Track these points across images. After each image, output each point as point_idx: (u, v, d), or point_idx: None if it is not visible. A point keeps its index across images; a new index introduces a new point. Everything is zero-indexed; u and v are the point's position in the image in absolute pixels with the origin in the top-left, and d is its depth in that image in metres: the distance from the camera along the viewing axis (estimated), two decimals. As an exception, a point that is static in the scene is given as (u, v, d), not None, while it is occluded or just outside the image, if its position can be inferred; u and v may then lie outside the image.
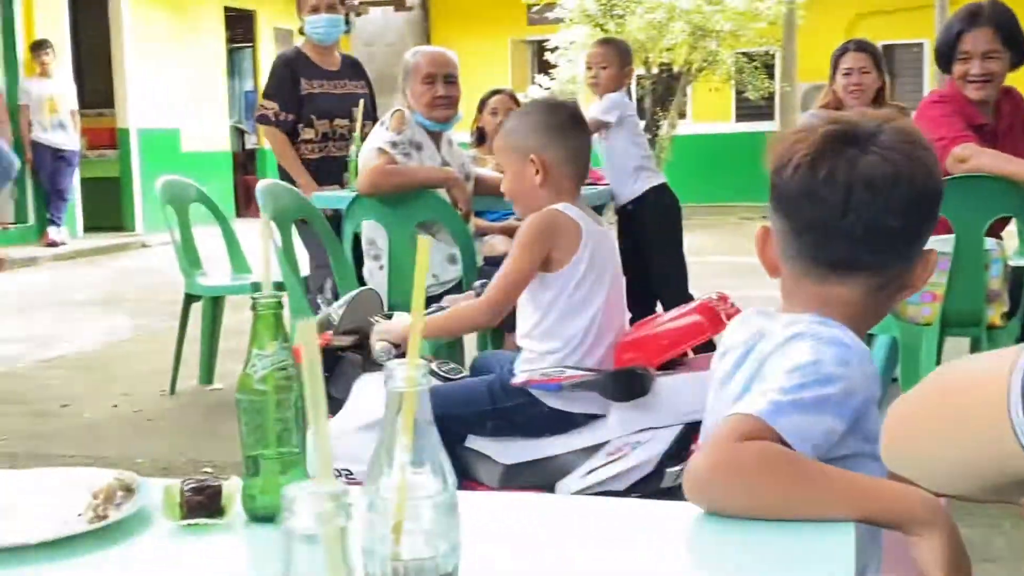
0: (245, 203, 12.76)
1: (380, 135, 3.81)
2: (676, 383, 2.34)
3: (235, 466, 3.46)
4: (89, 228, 11.43)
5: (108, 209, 11.85)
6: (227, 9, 13.85)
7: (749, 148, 16.73)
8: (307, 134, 4.60)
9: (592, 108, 4.70)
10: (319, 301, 2.73)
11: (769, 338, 1.36)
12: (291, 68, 4.62)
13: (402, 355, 2.38)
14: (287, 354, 1.23)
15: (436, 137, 3.94)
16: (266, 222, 1.45)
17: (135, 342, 6.19)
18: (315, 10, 4.65)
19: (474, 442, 2.36)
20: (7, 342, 6.16)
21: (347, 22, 4.77)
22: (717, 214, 12.95)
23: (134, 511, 1.20)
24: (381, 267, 3.92)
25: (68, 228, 10.72)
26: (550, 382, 2.32)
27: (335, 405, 2.46)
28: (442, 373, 2.48)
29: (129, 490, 1.23)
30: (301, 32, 4.76)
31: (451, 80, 3.92)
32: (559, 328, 2.37)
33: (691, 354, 2.52)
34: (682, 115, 13.88)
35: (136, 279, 8.88)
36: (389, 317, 2.56)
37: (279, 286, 4.38)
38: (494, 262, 4.17)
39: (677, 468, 2.28)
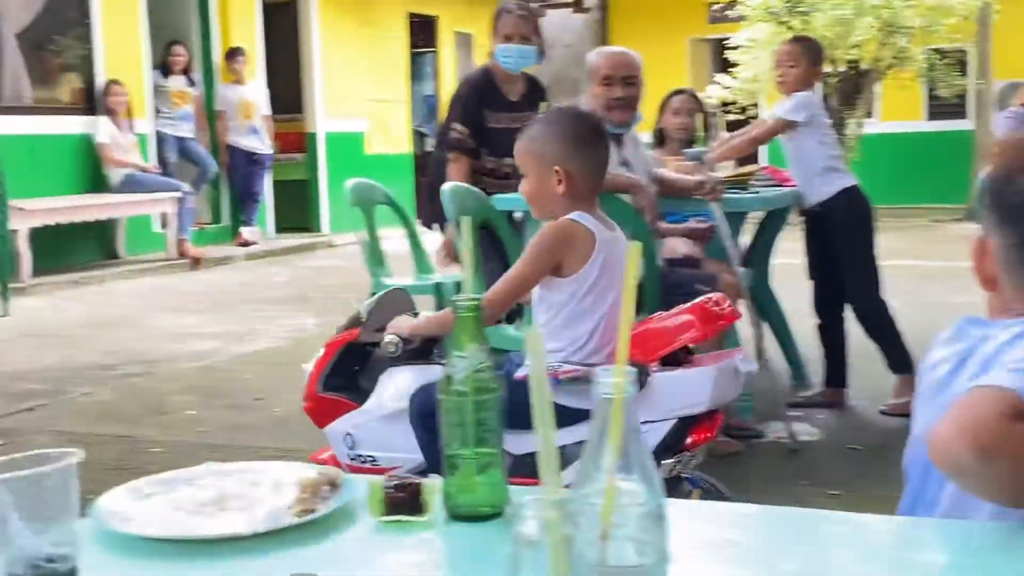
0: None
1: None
2: (671, 379, 2.44)
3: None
4: (279, 228, 11.87)
5: (297, 210, 12.28)
6: (411, 15, 14.16)
7: (942, 147, 16.07)
8: (476, 166, 4.45)
9: (778, 107, 4.60)
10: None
11: (990, 341, 1.31)
12: (478, 94, 4.48)
13: (411, 348, 2.53)
14: (486, 356, 1.25)
15: (617, 138, 3.93)
16: (466, 225, 1.47)
17: (322, 339, 6.37)
18: (508, 39, 4.46)
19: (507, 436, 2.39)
20: (205, 337, 6.45)
21: (541, 53, 4.61)
22: (907, 216, 12.50)
23: (339, 506, 1.24)
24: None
25: (260, 228, 11.17)
26: (549, 376, 2.34)
27: (364, 396, 2.60)
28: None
29: (334, 485, 1.27)
30: (490, 55, 4.58)
31: (631, 82, 3.89)
32: (566, 330, 2.46)
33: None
34: (868, 114, 13.46)
35: (323, 278, 9.17)
36: (416, 315, 2.66)
37: (458, 286, 4.45)
38: (675, 264, 4.14)
39: (671, 460, 2.41)
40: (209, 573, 1.12)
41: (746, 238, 4.81)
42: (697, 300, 2.52)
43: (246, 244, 10.77)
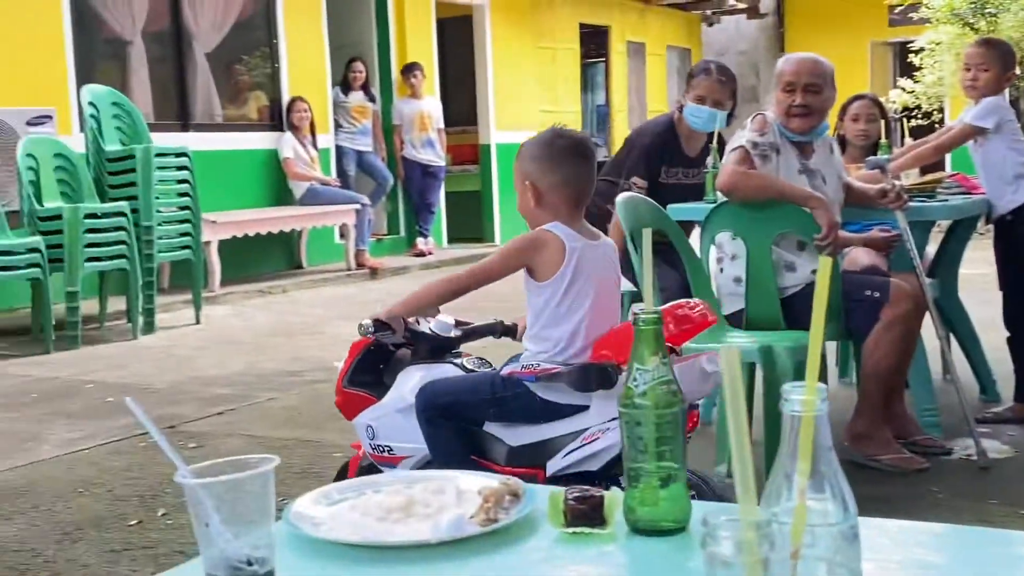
0: (597, 214, 13.02)
1: (742, 134, 3.78)
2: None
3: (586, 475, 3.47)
4: (452, 239, 12.09)
5: (469, 221, 12.49)
6: (582, 25, 14.22)
7: None
8: None
9: (966, 113, 4.43)
10: None
11: None
12: (661, 144, 4.49)
13: (387, 330, 2.72)
14: (667, 369, 1.24)
15: (799, 146, 3.85)
16: (646, 236, 1.47)
17: (498, 346, 6.46)
18: (701, 100, 4.45)
19: (490, 427, 2.67)
20: (382, 345, 6.60)
21: (731, 116, 4.58)
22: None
23: (521, 516, 1.25)
24: (722, 270, 3.88)
25: (434, 239, 11.40)
26: (528, 373, 2.62)
27: (386, 392, 2.82)
28: (468, 367, 2.83)
29: (516, 495, 1.29)
30: (680, 109, 4.56)
31: (814, 89, 3.79)
32: (546, 332, 2.65)
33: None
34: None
35: (495, 287, 9.25)
36: (429, 322, 2.93)
37: (635, 297, 4.44)
38: (856, 275, 4.02)
39: None
40: (396, 578, 1.15)
41: (932, 247, 4.64)
42: (670, 304, 2.58)
43: (421, 254, 11.01)
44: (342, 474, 3.14)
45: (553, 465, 2.54)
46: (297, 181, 9.70)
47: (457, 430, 2.68)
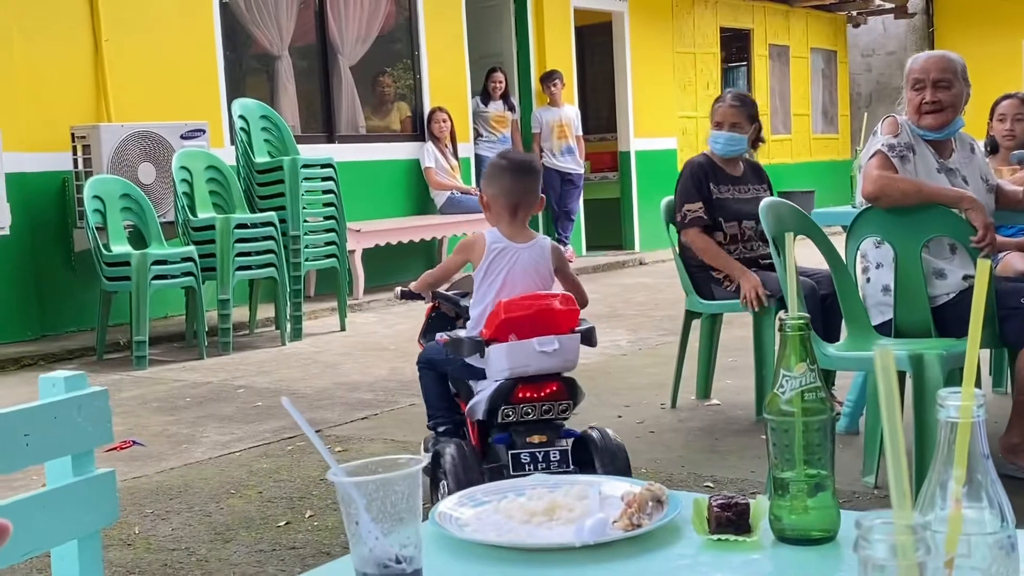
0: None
1: (876, 140, 3.70)
2: (495, 351, 3.19)
3: (735, 482, 3.51)
4: (591, 247, 12.09)
5: (608, 228, 12.47)
6: (723, 29, 14.06)
7: None
8: (717, 237, 4.64)
9: None
10: None
11: None
12: (702, 171, 4.69)
13: (414, 298, 3.59)
14: (815, 376, 1.22)
15: (937, 145, 3.74)
16: (789, 240, 1.45)
17: (634, 355, 6.43)
18: (719, 126, 4.73)
19: (473, 385, 3.38)
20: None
21: (757, 141, 4.80)
22: None
23: (665, 522, 1.24)
24: (868, 280, 3.79)
25: (573, 247, 11.41)
26: (440, 342, 3.38)
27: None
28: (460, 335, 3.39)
29: (659, 501, 1.28)
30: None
31: (943, 85, 3.68)
32: (474, 311, 3.39)
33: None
34: None
35: (634, 295, 9.24)
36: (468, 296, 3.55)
37: (780, 303, 4.37)
38: (1011, 282, 3.87)
39: (506, 407, 3.19)
40: (539, 581, 1.16)
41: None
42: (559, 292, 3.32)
43: (561, 262, 11.02)
44: None
45: (468, 412, 3.39)
46: (438, 190, 9.84)
47: (436, 377, 3.54)
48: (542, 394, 3.22)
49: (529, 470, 3.11)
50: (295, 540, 3.46)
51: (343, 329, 7.66)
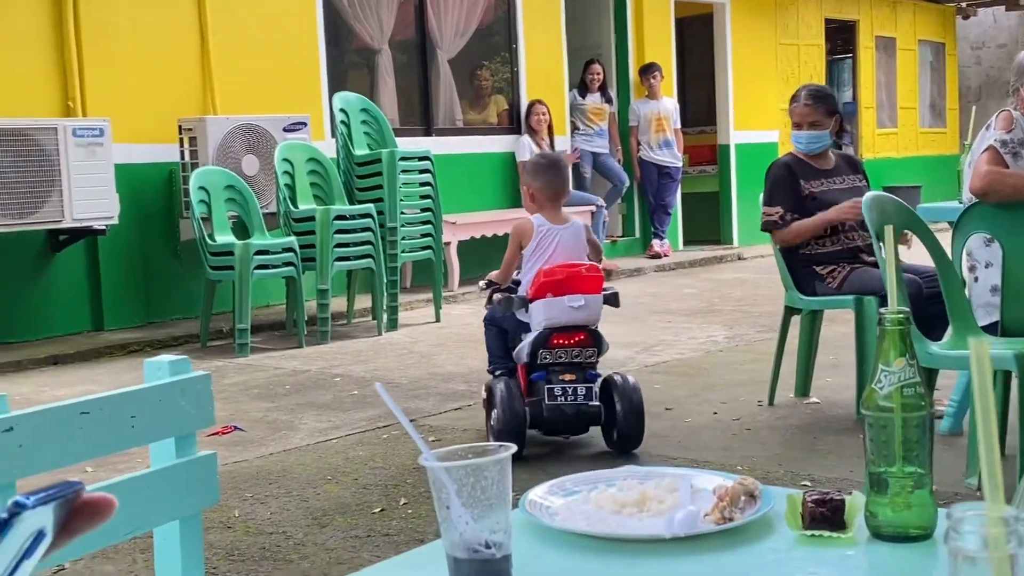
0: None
1: (989, 135, 3.60)
2: (536, 305, 4.08)
3: (833, 481, 3.45)
4: (689, 241, 11.98)
5: (707, 222, 12.34)
6: (828, 21, 13.81)
7: None
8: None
9: None
10: None
11: None
12: (788, 171, 4.63)
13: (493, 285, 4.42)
14: (914, 372, 1.19)
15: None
16: (889, 233, 1.41)
17: (731, 351, 6.37)
18: (798, 127, 4.69)
19: (523, 334, 4.21)
20: (616, 346, 6.58)
21: (841, 132, 4.76)
22: None
23: (757, 516, 1.23)
24: (976, 279, 3.70)
25: (670, 241, 11.33)
26: (498, 302, 4.28)
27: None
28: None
29: (752, 496, 1.27)
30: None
31: None
32: (524, 278, 4.25)
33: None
34: None
35: (731, 290, 9.14)
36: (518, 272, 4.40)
37: (883, 300, 4.28)
38: None
39: (544, 351, 4.06)
40: (627, 572, 1.15)
41: None
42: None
43: (657, 256, 10.96)
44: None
45: (515, 357, 4.24)
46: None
47: (497, 332, 4.40)
48: (572, 341, 4.07)
49: (560, 401, 4.04)
50: (389, 527, 3.51)
51: (438, 320, 7.72)
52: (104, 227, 7.04)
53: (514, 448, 1.10)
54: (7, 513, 0.56)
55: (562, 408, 4.04)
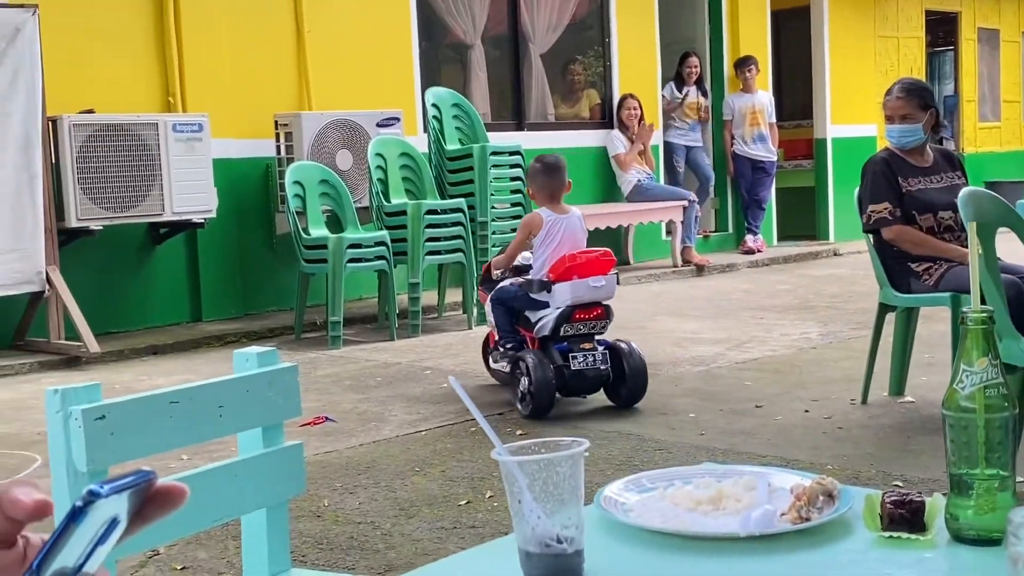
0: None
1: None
2: (560, 287, 4.77)
3: (926, 482, 3.38)
4: (783, 236, 11.81)
5: (802, 218, 12.15)
6: (928, 12, 13.49)
7: None
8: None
9: None
10: None
11: None
12: (886, 166, 4.52)
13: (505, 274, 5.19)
14: (998, 372, 1.17)
15: None
16: (972, 230, 1.39)
17: (825, 348, 6.27)
18: (890, 120, 4.60)
19: (527, 312, 4.93)
20: (707, 343, 6.56)
21: (937, 126, 4.65)
22: None
23: (835, 516, 1.22)
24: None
25: (764, 236, 11.18)
26: (515, 284, 4.98)
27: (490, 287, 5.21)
28: (519, 283, 5.01)
29: (830, 496, 1.25)
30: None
31: None
32: (536, 262, 4.95)
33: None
34: None
35: (826, 287, 8.99)
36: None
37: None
38: None
39: (570, 326, 4.76)
40: (702, 570, 1.15)
41: None
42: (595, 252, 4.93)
43: (750, 252, 10.82)
44: (486, 342, 5.46)
45: (535, 331, 4.89)
46: (625, 177, 9.82)
47: (506, 310, 5.02)
48: (591, 315, 4.82)
49: (583, 366, 4.76)
50: (475, 519, 3.53)
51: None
52: (203, 220, 7.20)
53: (587, 443, 1.11)
54: (83, 501, 0.58)
55: (584, 373, 4.79)
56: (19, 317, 6.74)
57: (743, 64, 10.86)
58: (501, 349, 5.04)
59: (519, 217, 7.70)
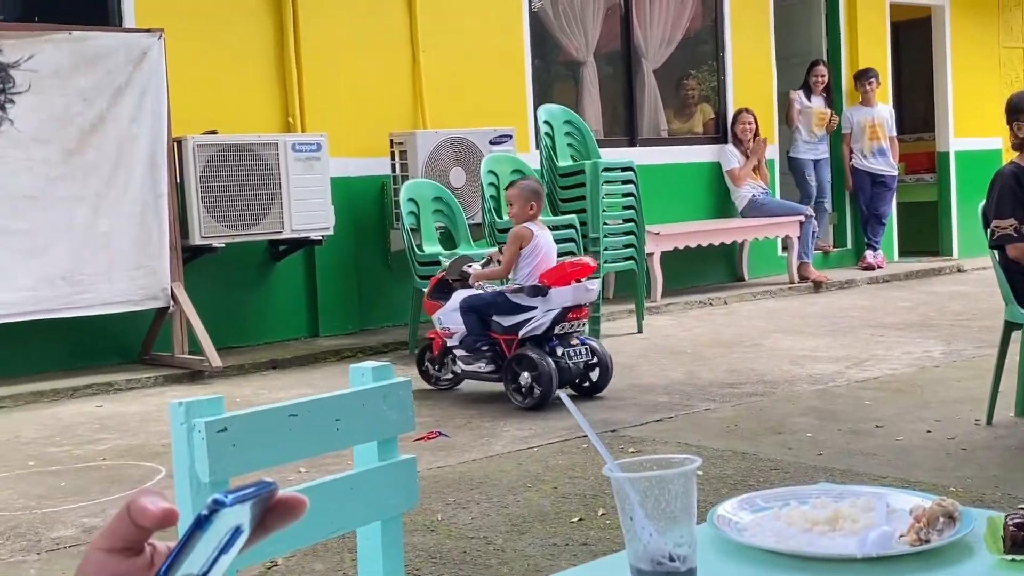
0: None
1: None
2: (557, 291, 5.40)
3: (1054, 506, 3.21)
4: (904, 252, 11.52)
5: (924, 233, 11.83)
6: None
7: None
8: None
9: None
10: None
11: None
12: (1016, 180, 4.37)
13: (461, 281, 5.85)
14: None
15: None
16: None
17: (948, 367, 6.09)
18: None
19: (497, 318, 5.55)
20: (825, 361, 6.43)
21: None
22: None
23: (955, 538, 1.18)
24: None
25: (884, 252, 10.92)
26: (508, 290, 5.57)
27: (447, 300, 5.78)
28: (485, 289, 5.74)
29: (951, 517, 1.22)
30: None
31: None
32: (524, 271, 5.59)
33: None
34: None
35: (949, 304, 8.74)
36: (470, 267, 5.82)
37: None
38: None
39: (565, 325, 5.44)
40: (818, 591, 1.13)
41: None
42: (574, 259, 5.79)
43: (870, 268, 10.58)
44: (424, 352, 6.12)
45: (522, 332, 5.44)
46: (739, 192, 9.70)
47: (479, 317, 5.58)
48: (580, 315, 5.56)
49: (575, 360, 5.46)
50: (587, 536, 3.51)
51: (640, 331, 7.69)
52: (321, 238, 7.35)
53: (699, 461, 1.11)
54: (207, 510, 0.59)
55: (573, 367, 5.45)
56: (145, 332, 6.96)
57: (863, 77, 10.65)
58: (465, 353, 5.68)
59: (632, 233, 7.71)
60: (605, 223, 7.50)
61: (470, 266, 5.85)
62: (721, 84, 10.09)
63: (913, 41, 12.09)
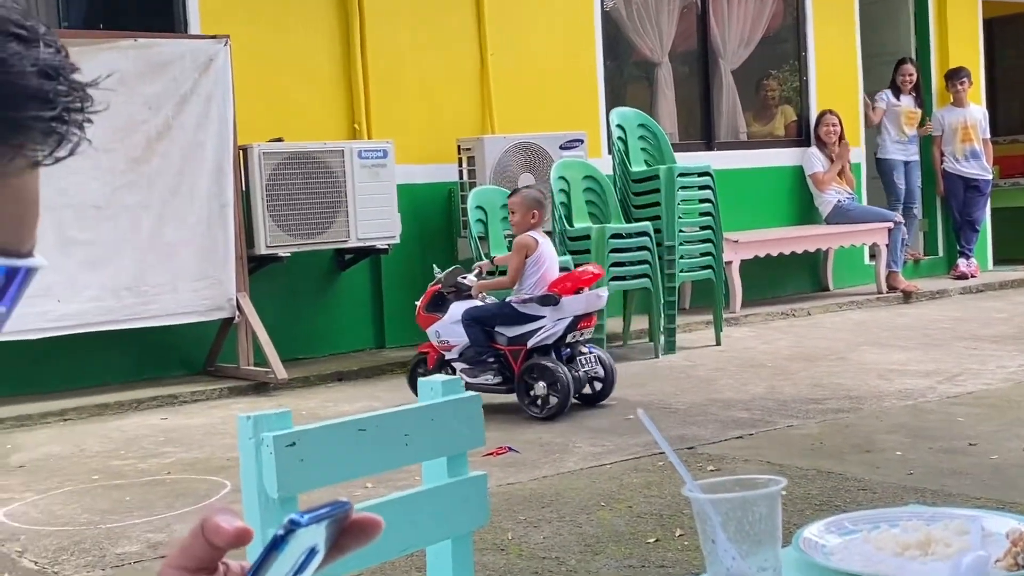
0: None
1: None
2: (569, 300, 5.49)
3: None
4: (998, 260, 11.05)
5: (1020, 240, 11.33)
6: None
7: None
8: None
9: None
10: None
11: None
12: None
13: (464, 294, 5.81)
14: None
15: None
16: None
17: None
18: None
19: (500, 329, 5.59)
20: (914, 375, 6.14)
21: None
22: None
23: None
24: None
25: (978, 260, 10.46)
26: (517, 300, 5.60)
27: (444, 313, 5.70)
28: (488, 300, 5.73)
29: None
30: None
31: None
32: (530, 280, 5.61)
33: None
34: None
35: (979, 315, 8.34)
36: (465, 278, 5.76)
37: None
38: None
39: (575, 334, 5.55)
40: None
41: None
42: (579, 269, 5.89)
43: (963, 277, 10.14)
44: (416, 367, 5.94)
45: (531, 341, 5.45)
46: (824, 198, 9.36)
47: (482, 329, 5.54)
48: (590, 323, 5.65)
49: (587, 367, 5.54)
50: (664, 558, 3.38)
51: (718, 343, 7.42)
52: (387, 246, 7.21)
53: (784, 482, 1.08)
54: (283, 530, 0.59)
55: (587, 373, 5.55)
56: (210, 343, 6.87)
57: (954, 76, 10.23)
58: (466, 366, 5.62)
59: (709, 241, 7.45)
60: (681, 231, 7.28)
61: (465, 278, 5.77)
62: (803, 84, 9.76)
63: (1007, 38, 11.65)
